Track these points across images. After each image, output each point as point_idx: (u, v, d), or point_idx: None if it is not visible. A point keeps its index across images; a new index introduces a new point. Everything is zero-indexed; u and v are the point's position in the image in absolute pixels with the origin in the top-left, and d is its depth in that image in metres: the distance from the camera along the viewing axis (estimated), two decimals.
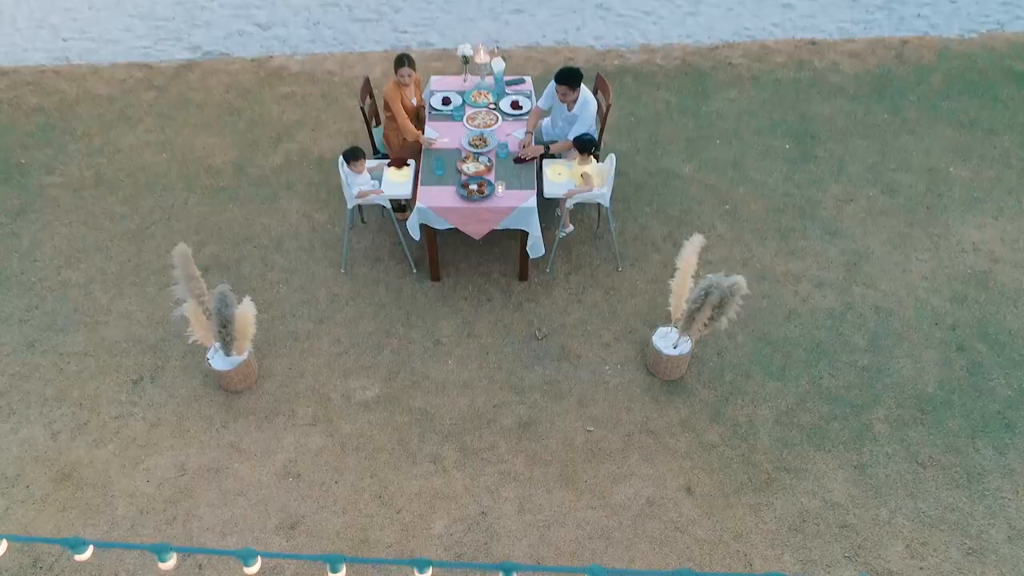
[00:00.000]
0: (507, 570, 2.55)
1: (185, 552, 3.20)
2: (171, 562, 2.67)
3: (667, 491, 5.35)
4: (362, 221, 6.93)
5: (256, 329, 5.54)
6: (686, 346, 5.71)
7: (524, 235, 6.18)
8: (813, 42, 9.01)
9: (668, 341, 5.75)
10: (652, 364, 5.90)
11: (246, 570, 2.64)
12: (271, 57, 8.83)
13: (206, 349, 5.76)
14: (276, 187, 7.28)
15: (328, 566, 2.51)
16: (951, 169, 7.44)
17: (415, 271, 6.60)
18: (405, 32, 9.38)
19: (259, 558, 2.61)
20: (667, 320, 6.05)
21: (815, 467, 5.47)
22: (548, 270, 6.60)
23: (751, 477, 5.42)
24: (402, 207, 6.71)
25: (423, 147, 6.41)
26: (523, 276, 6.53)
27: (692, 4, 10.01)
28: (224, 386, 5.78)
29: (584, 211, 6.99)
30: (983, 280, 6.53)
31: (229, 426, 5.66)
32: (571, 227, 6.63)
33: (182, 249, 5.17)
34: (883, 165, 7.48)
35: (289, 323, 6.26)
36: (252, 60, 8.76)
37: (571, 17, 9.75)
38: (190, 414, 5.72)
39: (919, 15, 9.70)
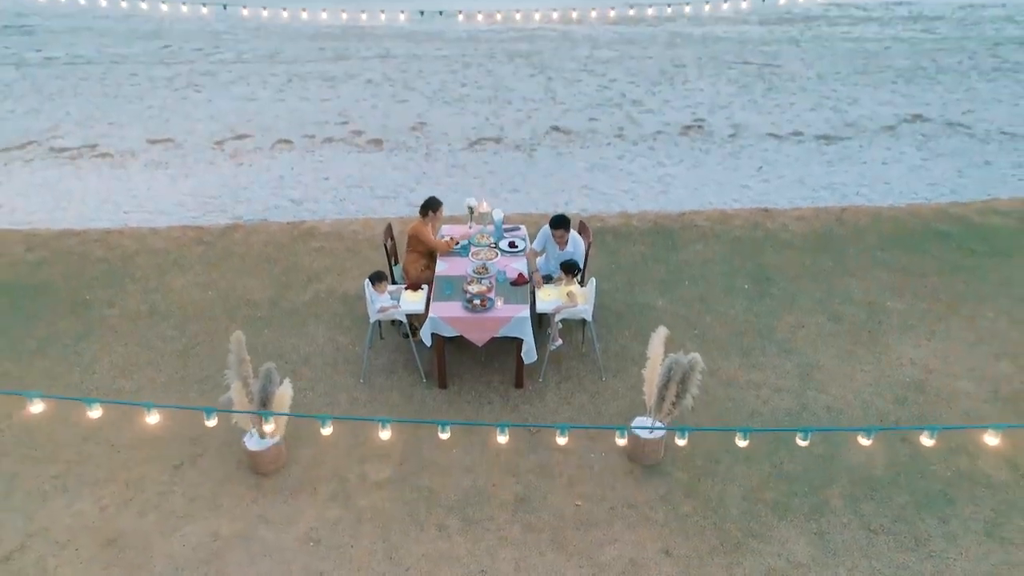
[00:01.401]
0: None
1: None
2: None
3: (648, 553, 5.99)
4: (380, 338, 8.00)
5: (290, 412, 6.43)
6: (661, 431, 6.57)
7: (520, 345, 7.23)
8: (766, 210, 10.57)
9: (645, 428, 6.62)
10: (632, 450, 6.72)
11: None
12: (304, 221, 10.34)
13: (243, 433, 6.61)
14: (305, 316, 8.43)
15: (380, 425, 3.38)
16: (888, 303, 8.63)
17: (425, 381, 7.57)
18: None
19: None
20: (645, 413, 6.93)
21: (779, 534, 6.14)
22: (541, 379, 7.58)
23: (722, 542, 6.08)
24: (415, 330, 7.78)
25: (440, 254, 7.87)
26: (519, 384, 7.49)
27: (663, 184, 11.75)
28: (256, 468, 6.57)
29: (572, 333, 8.08)
30: (920, 386, 7.49)
31: (258, 501, 6.39)
32: (560, 341, 7.69)
33: (238, 336, 6.21)
34: (829, 300, 8.67)
35: (313, 421, 7.13)
36: (288, 223, 10.26)
37: (560, 195, 11.43)
38: (224, 492, 6.46)
39: (858, 193, 11.39)
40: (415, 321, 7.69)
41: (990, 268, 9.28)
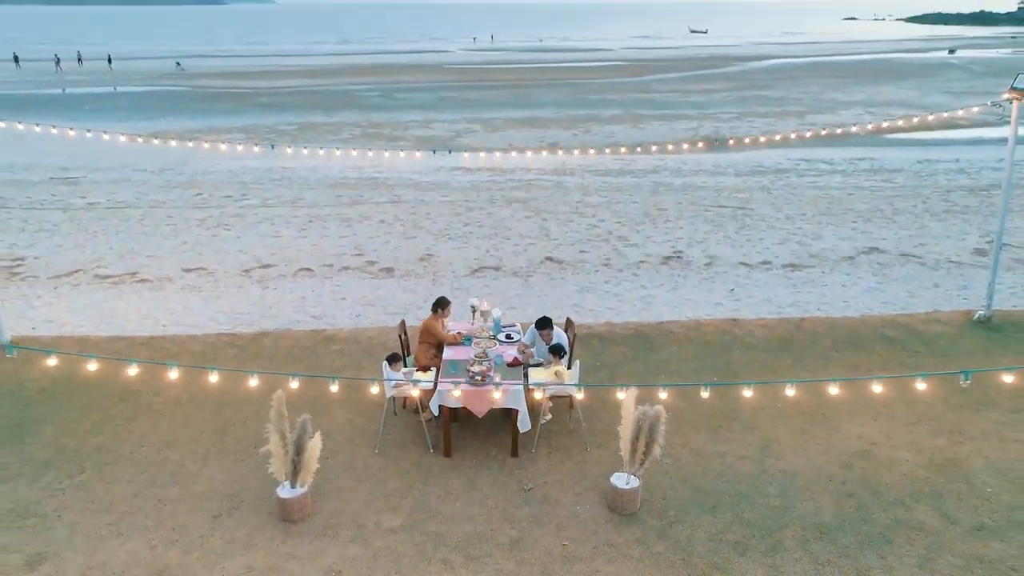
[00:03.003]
0: None
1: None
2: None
3: None
4: (394, 414, 9.14)
5: (318, 465, 7.52)
6: (636, 482, 7.62)
7: (515, 417, 8.39)
8: (735, 320, 11.94)
9: (622, 481, 7.68)
10: (611, 502, 7.72)
11: None
12: (325, 330, 11.69)
13: (276, 485, 7.64)
14: (329, 402, 9.60)
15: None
16: (839, 391, 9.81)
17: (432, 451, 8.65)
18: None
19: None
20: (622, 468, 7.98)
21: (739, 567, 7.06)
22: (533, 450, 8.66)
23: (690, 573, 6.99)
24: (424, 408, 8.95)
25: (447, 345, 9.05)
26: (514, 453, 8.57)
27: (645, 303, 13.19)
28: (285, 517, 7.56)
29: (560, 413, 9.22)
30: (866, 455, 8.56)
31: (287, 542, 7.34)
32: (550, 415, 8.83)
33: (279, 395, 7.40)
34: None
35: (334, 481, 8.17)
36: (311, 330, 11.62)
37: (552, 312, 12.79)
38: (258, 535, 7.42)
39: (819, 309, 12.81)
40: (424, 399, 8.86)
41: (930, 366, 10.53)
